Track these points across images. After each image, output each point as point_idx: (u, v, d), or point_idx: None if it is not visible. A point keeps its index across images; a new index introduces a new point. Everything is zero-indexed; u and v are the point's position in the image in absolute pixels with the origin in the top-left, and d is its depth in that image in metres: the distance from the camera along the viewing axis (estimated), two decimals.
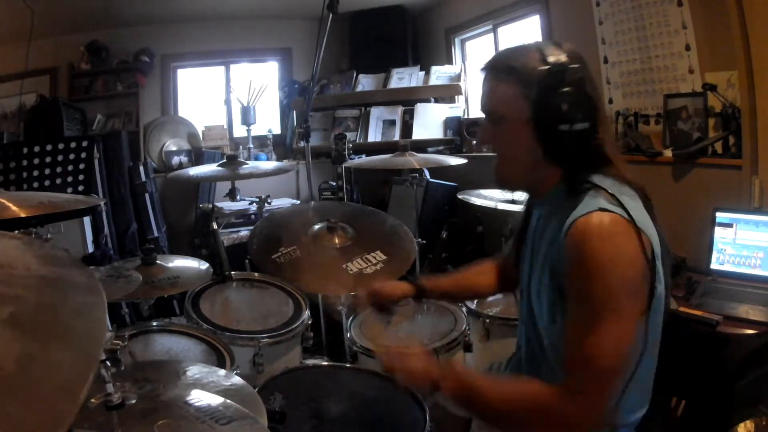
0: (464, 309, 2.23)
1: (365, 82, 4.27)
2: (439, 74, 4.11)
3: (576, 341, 0.95)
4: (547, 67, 1.01)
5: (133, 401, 0.94)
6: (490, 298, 2.28)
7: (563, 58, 1.02)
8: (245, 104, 4.25)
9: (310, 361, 1.99)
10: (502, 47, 3.83)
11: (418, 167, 2.48)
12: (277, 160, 4.29)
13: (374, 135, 4.17)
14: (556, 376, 1.02)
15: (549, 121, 1.01)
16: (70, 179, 3.05)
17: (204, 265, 2.05)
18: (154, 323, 1.92)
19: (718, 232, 2.09)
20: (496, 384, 1.06)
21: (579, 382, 0.95)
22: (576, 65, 1.02)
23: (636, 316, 0.96)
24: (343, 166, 2.87)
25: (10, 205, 1.33)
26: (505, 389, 1.04)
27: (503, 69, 1.07)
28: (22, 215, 1.34)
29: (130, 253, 3.53)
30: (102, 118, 4.31)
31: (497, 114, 1.08)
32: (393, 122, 4.18)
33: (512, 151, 1.09)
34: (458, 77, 4.04)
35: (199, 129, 4.45)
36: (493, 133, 1.11)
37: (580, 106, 1.01)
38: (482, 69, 1.12)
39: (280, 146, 4.50)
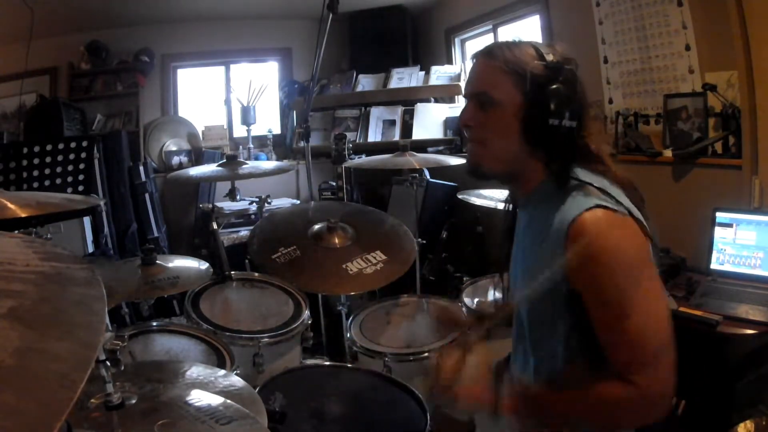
0: (464, 309, 2.23)
1: (365, 82, 4.27)
2: (439, 74, 4.11)
3: (619, 330, 0.97)
4: (543, 63, 1.05)
5: (133, 401, 0.94)
6: (490, 299, 2.28)
7: (559, 57, 1.07)
8: (245, 104, 4.25)
9: (310, 361, 1.99)
10: None
11: (418, 167, 2.48)
12: (277, 160, 4.29)
13: (374, 135, 4.17)
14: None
15: (539, 114, 1.04)
16: (70, 179, 3.05)
17: (204, 265, 2.05)
18: (154, 323, 1.92)
19: (718, 232, 2.09)
20: (565, 397, 1.05)
21: (642, 364, 0.97)
22: (570, 66, 1.06)
23: (658, 279, 1.01)
24: (343, 166, 2.86)
25: (9, 204, 1.33)
26: (577, 400, 1.04)
27: (500, 57, 1.08)
28: (21, 215, 1.34)
29: (130, 253, 3.54)
30: (102, 118, 4.31)
31: (490, 98, 1.08)
32: (393, 122, 4.18)
33: (498, 137, 1.10)
34: (458, 77, 4.03)
35: (199, 129, 4.45)
36: (479, 117, 1.10)
37: (569, 104, 1.04)
38: (477, 54, 1.13)
39: (280, 146, 4.50)
